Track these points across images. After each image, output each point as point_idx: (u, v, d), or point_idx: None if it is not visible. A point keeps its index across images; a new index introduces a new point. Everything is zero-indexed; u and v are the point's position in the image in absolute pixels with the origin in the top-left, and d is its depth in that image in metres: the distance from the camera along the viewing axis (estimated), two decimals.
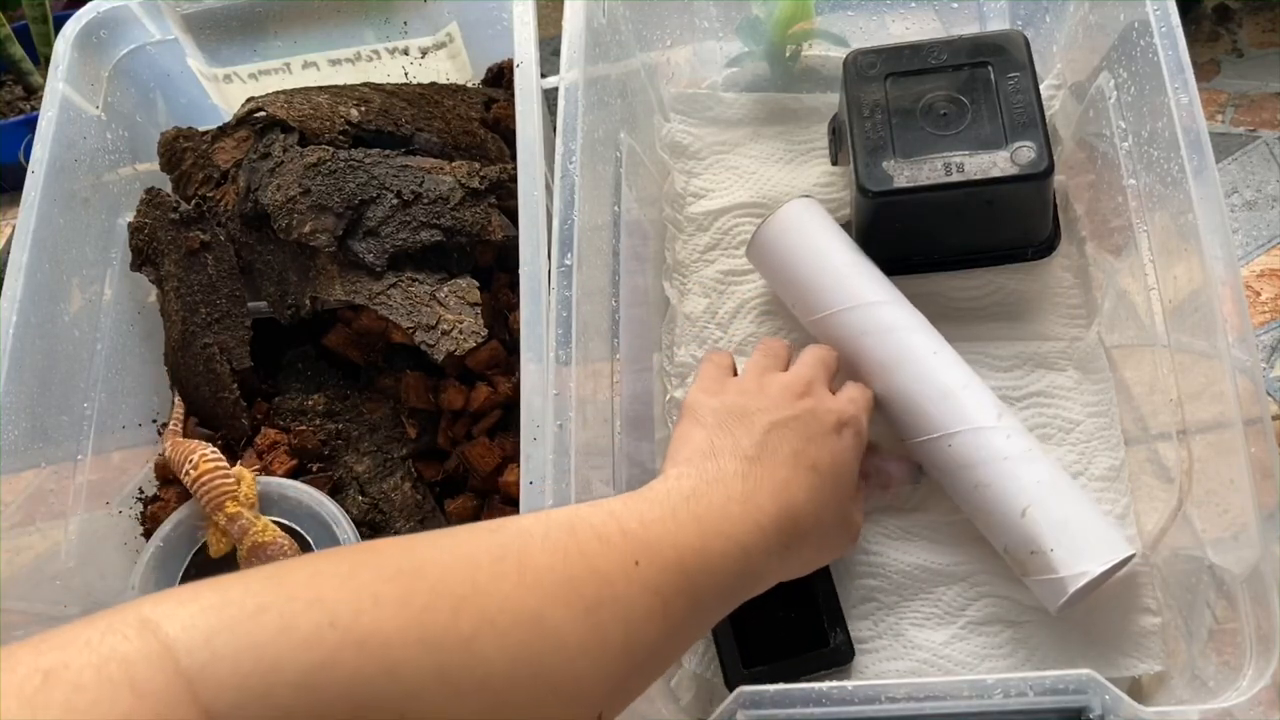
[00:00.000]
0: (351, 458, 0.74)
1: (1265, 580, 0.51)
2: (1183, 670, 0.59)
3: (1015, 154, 0.67)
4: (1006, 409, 0.63)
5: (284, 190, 0.72)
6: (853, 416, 0.59)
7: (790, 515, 0.52)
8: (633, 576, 0.42)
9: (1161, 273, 0.62)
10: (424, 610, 0.35)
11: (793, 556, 0.53)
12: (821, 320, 0.68)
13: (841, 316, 0.66)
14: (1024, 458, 0.61)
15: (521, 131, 0.68)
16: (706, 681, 0.64)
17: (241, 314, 0.76)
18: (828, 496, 0.55)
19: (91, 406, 0.73)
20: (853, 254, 0.69)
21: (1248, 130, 0.84)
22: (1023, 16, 0.77)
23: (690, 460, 0.53)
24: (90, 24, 0.79)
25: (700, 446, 0.54)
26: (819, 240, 0.69)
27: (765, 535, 0.50)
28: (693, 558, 0.46)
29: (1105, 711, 0.49)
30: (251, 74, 0.84)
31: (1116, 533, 0.60)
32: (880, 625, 0.65)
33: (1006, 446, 0.61)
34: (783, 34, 0.79)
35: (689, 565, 0.45)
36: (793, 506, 0.52)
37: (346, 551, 0.38)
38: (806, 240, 0.69)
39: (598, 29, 0.70)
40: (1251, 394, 0.53)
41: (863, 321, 0.66)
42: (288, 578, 0.35)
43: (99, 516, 0.73)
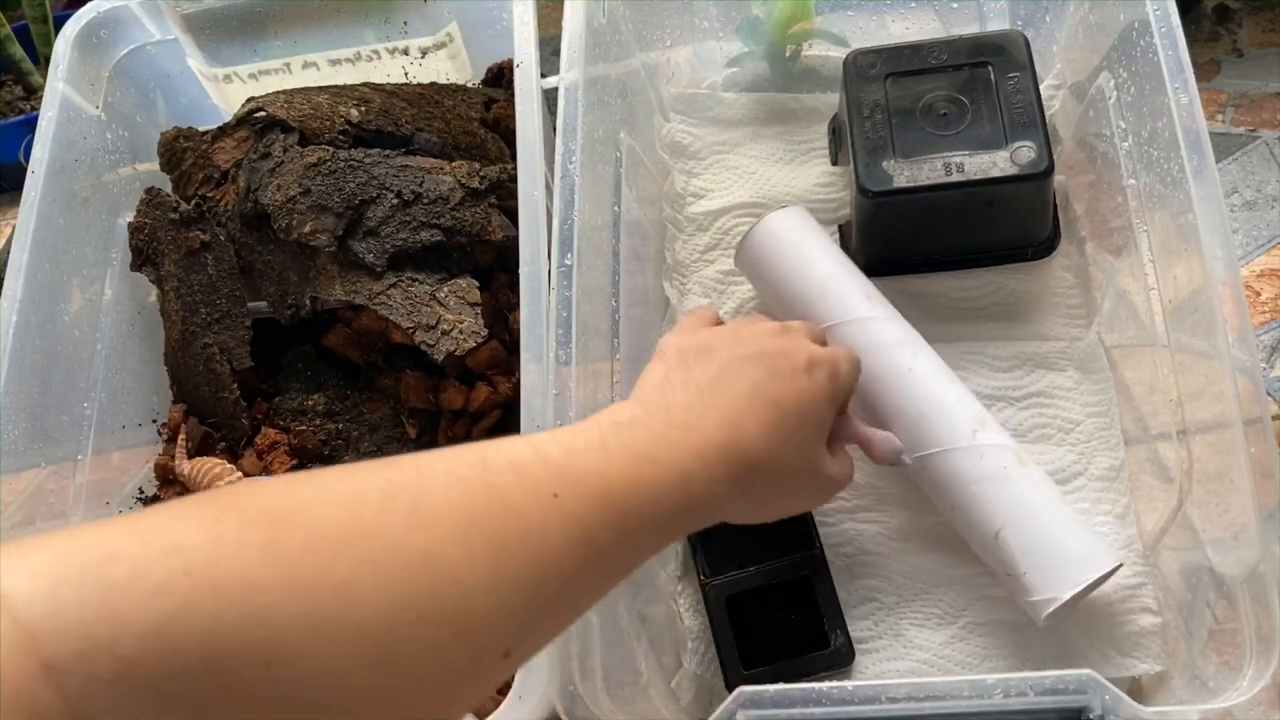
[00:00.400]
0: (351, 458, 0.74)
1: (1265, 580, 0.51)
2: (1183, 670, 0.59)
3: (1015, 154, 0.67)
4: (987, 421, 0.63)
5: (284, 190, 0.72)
6: (828, 359, 0.55)
7: (740, 447, 0.48)
8: (549, 509, 0.40)
9: (1161, 273, 0.62)
10: (296, 553, 0.33)
11: (747, 494, 0.49)
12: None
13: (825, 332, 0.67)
14: (997, 478, 0.61)
15: (521, 131, 0.68)
16: (706, 682, 0.64)
17: (241, 314, 0.76)
18: (788, 434, 0.51)
19: (91, 406, 0.73)
20: (835, 266, 0.68)
21: (1248, 130, 0.84)
22: (1023, 16, 0.77)
23: (638, 394, 0.51)
24: (90, 24, 0.79)
25: (654, 381, 0.51)
26: (802, 252, 0.69)
27: (709, 464, 0.47)
28: (620, 485, 0.43)
29: (1105, 711, 0.49)
30: (251, 74, 0.84)
31: (1095, 548, 0.60)
32: (880, 626, 0.65)
33: (979, 468, 0.61)
34: (783, 34, 0.79)
35: (616, 493, 0.43)
36: (744, 438, 0.49)
37: (216, 495, 0.36)
38: (790, 252, 0.69)
39: (598, 29, 0.70)
40: (1251, 394, 0.53)
41: (841, 338, 0.65)
42: (146, 524, 0.33)
43: (99, 516, 0.73)
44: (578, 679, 0.53)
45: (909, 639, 0.64)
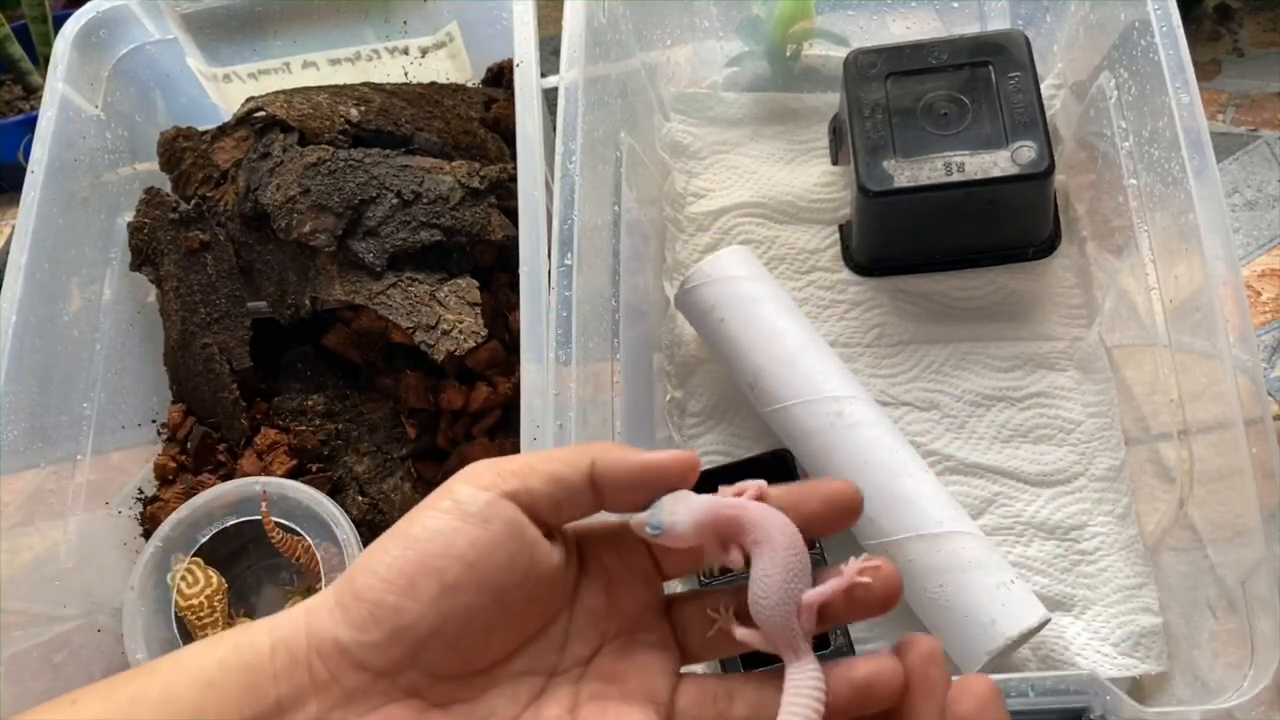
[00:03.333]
0: (351, 458, 0.74)
1: (1266, 581, 0.51)
2: (1184, 671, 0.59)
3: (1016, 154, 0.67)
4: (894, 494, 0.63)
5: (284, 190, 0.72)
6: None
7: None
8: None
9: (1162, 272, 0.62)
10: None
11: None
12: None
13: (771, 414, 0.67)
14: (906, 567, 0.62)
15: (521, 131, 0.68)
16: None
17: (241, 314, 0.76)
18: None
19: (91, 406, 0.73)
20: (802, 333, 0.68)
21: (1248, 130, 0.84)
22: (1023, 16, 0.77)
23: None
24: (90, 24, 0.79)
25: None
26: (760, 311, 0.68)
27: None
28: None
29: (1106, 712, 0.49)
30: (251, 74, 0.83)
31: (999, 620, 0.60)
32: (880, 626, 0.65)
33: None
34: (783, 33, 0.79)
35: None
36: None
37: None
38: (746, 310, 0.68)
39: (598, 29, 0.70)
40: (1252, 394, 0.53)
41: (808, 416, 0.66)
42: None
43: (98, 517, 0.72)
44: None
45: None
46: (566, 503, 0.36)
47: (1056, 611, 0.63)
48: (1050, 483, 0.67)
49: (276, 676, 0.34)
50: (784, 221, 0.78)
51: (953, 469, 0.68)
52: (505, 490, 0.35)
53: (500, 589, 0.35)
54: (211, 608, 0.70)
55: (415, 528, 0.34)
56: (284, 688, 0.34)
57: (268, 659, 0.34)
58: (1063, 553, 0.65)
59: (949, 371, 0.71)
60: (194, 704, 0.33)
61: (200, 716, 0.33)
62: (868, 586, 0.36)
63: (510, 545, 0.35)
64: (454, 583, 0.34)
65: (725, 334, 0.68)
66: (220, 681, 0.33)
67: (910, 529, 0.62)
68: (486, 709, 0.35)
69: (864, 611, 0.37)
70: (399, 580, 0.34)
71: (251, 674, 0.34)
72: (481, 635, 0.35)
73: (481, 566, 0.34)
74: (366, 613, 0.34)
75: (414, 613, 0.34)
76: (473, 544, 0.34)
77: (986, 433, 0.69)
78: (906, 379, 0.71)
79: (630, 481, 0.37)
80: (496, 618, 0.35)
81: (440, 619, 0.34)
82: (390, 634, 0.34)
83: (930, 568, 0.61)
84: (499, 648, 0.36)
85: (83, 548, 0.70)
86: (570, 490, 0.36)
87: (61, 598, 0.68)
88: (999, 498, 0.67)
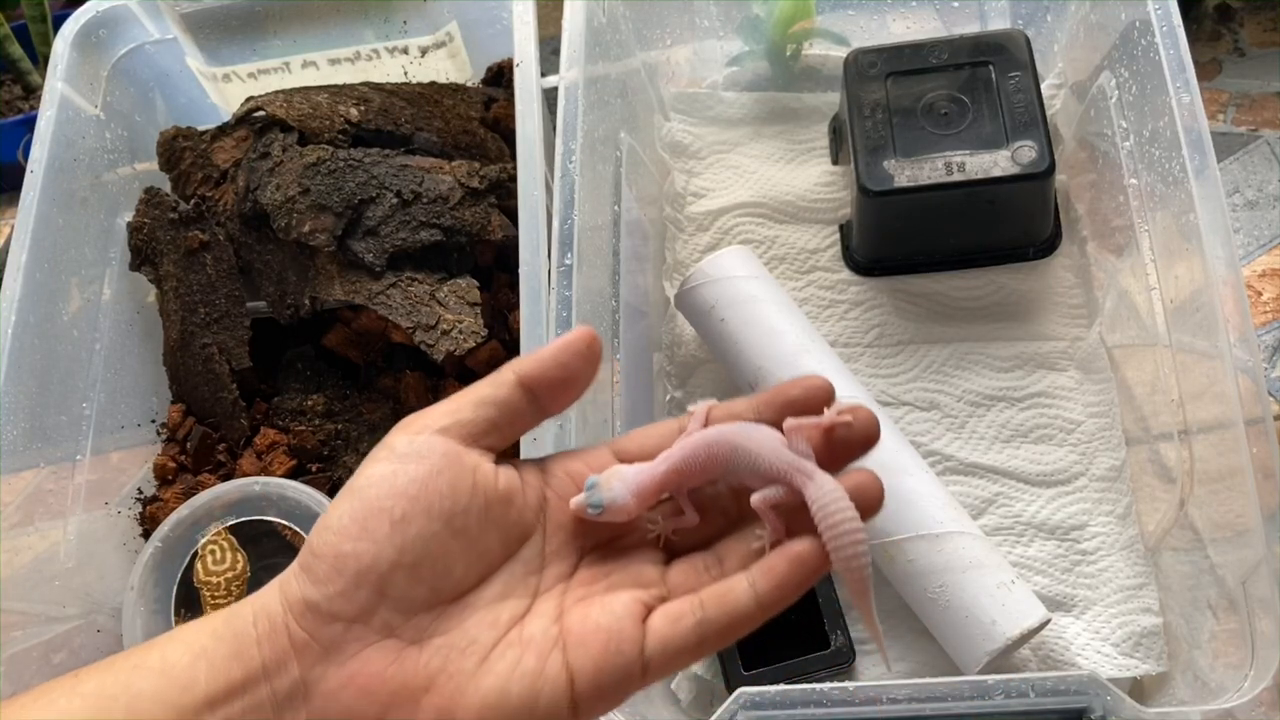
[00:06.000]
0: (351, 458, 0.74)
1: (1266, 581, 0.51)
2: (1184, 671, 0.59)
3: (1016, 153, 0.67)
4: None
5: (283, 190, 0.72)
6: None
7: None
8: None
9: (1163, 272, 0.62)
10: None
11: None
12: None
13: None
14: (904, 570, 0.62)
15: (521, 131, 0.68)
16: (707, 683, 0.64)
17: (240, 314, 0.76)
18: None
19: (90, 406, 0.73)
20: (800, 333, 0.68)
21: (1249, 130, 0.84)
22: (1024, 16, 0.77)
23: None
24: (89, 23, 0.79)
25: None
26: (761, 312, 0.68)
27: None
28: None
29: (1106, 712, 0.49)
30: (251, 73, 0.83)
31: (999, 620, 0.60)
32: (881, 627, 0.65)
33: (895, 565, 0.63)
34: (783, 33, 0.79)
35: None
36: None
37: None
38: (746, 311, 0.68)
39: (598, 28, 0.70)
40: (1253, 394, 0.53)
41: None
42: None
43: (98, 517, 0.72)
44: None
45: (910, 640, 0.64)
46: (504, 420, 0.38)
47: (1057, 612, 0.63)
48: (1051, 483, 0.67)
49: (259, 641, 0.35)
50: (784, 221, 0.78)
51: (953, 469, 0.68)
52: (436, 428, 0.37)
53: (448, 514, 0.36)
54: (229, 592, 0.69)
55: (359, 480, 0.36)
56: (267, 651, 0.35)
57: (251, 626, 0.35)
58: (1063, 553, 0.65)
59: (949, 371, 0.71)
60: (188, 671, 0.34)
61: (194, 682, 0.34)
62: (848, 425, 0.38)
63: (449, 473, 0.36)
64: (402, 516, 0.35)
65: (725, 334, 0.68)
66: (212, 650, 0.35)
67: (911, 529, 0.62)
68: (465, 638, 0.36)
69: (847, 452, 0.38)
70: (351, 528, 0.35)
71: (238, 641, 0.35)
72: (442, 563, 0.36)
73: (425, 497, 0.36)
74: (328, 567, 0.35)
75: (370, 553, 0.35)
76: (412, 479, 0.36)
77: (987, 433, 0.69)
78: (907, 379, 0.71)
79: (550, 370, 0.38)
80: (452, 543, 0.36)
81: (397, 552, 0.35)
82: (353, 579, 0.35)
83: (931, 568, 0.61)
84: (465, 574, 0.37)
85: (82, 548, 0.70)
86: (503, 406, 0.38)
87: (61, 598, 0.68)
88: (999, 498, 0.67)
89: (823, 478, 0.36)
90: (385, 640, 0.35)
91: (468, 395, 0.38)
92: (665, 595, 0.37)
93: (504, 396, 0.38)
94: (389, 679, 0.35)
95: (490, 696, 0.35)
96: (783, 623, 0.64)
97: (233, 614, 0.36)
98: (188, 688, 0.34)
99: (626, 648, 0.35)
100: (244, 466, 0.74)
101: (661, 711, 0.62)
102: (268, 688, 0.35)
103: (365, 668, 0.35)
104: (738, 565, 0.38)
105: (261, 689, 0.35)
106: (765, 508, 0.37)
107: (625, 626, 0.35)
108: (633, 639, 0.35)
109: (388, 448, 0.37)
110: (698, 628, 0.36)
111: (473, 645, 0.36)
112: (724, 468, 0.37)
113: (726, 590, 0.36)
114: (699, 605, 0.36)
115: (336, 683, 0.35)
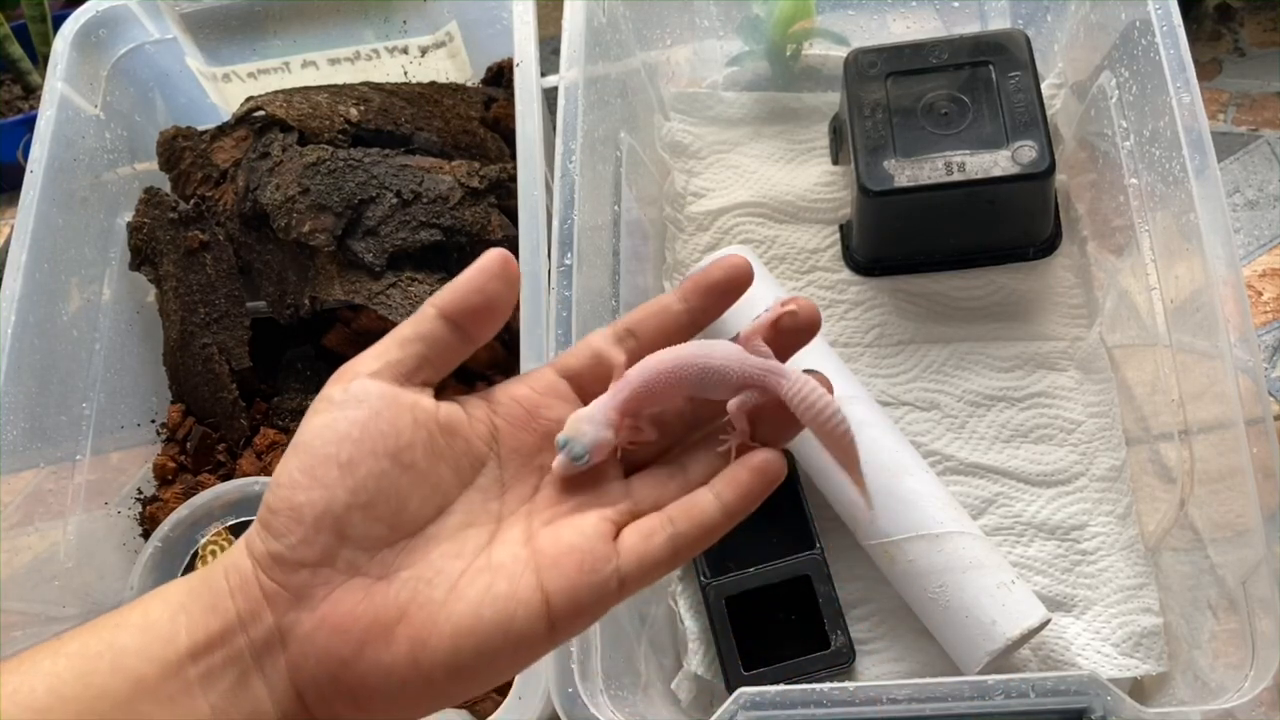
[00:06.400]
0: None
1: (1267, 581, 0.51)
2: (1184, 671, 0.59)
3: (1016, 153, 0.67)
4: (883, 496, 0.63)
5: (283, 190, 0.71)
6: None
7: None
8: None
9: (1163, 272, 0.61)
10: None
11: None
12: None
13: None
14: (903, 571, 0.62)
15: (521, 131, 0.68)
16: (707, 683, 0.64)
17: (240, 314, 0.76)
18: None
19: (90, 406, 0.73)
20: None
21: (1249, 130, 0.84)
22: (1024, 15, 0.77)
23: None
24: (89, 23, 0.79)
25: None
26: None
27: None
28: None
29: (1106, 712, 0.49)
30: (250, 73, 0.83)
31: (999, 620, 0.60)
32: (881, 626, 0.65)
33: (892, 566, 0.63)
34: (783, 33, 0.79)
35: None
36: None
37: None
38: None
39: (598, 28, 0.70)
40: (1253, 394, 0.53)
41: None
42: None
43: (97, 517, 0.72)
44: (577, 679, 0.53)
45: (910, 640, 0.64)
46: (433, 354, 0.39)
47: (1057, 612, 0.63)
48: (1051, 483, 0.67)
49: (232, 594, 0.36)
50: (784, 221, 0.78)
51: (953, 469, 0.68)
52: (368, 373, 0.38)
53: (393, 451, 0.37)
54: None
55: (302, 436, 0.37)
56: (240, 603, 0.36)
57: (224, 580, 0.36)
58: (1063, 553, 0.65)
59: (949, 371, 0.71)
60: (169, 625, 0.35)
61: (176, 635, 0.35)
62: (793, 313, 0.40)
63: (388, 413, 0.37)
64: (349, 459, 0.36)
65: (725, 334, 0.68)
66: (189, 605, 0.36)
67: (911, 529, 0.62)
68: (431, 569, 0.37)
69: (794, 338, 0.40)
70: (301, 479, 0.36)
71: (213, 596, 0.36)
72: (395, 499, 0.37)
73: (368, 439, 0.37)
74: (285, 519, 0.36)
75: (324, 497, 0.36)
76: (353, 423, 0.37)
77: (987, 433, 0.69)
78: (907, 379, 0.71)
79: (468, 297, 0.39)
80: (402, 478, 0.37)
81: (349, 494, 0.36)
82: (312, 525, 0.36)
83: (931, 568, 0.61)
84: (421, 507, 0.38)
85: (82, 548, 0.70)
86: (428, 340, 0.39)
87: (61, 598, 0.68)
88: (999, 498, 0.67)
89: (792, 373, 0.39)
90: (353, 580, 0.36)
91: (393, 336, 0.39)
92: (633, 510, 0.38)
93: (427, 330, 0.39)
94: (360, 615, 0.36)
95: (464, 621, 0.35)
96: (782, 622, 0.64)
97: (207, 572, 0.37)
98: (169, 640, 0.35)
99: (601, 565, 0.36)
100: (244, 466, 0.74)
101: (661, 711, 0.62)
102: (245, 637, 0.36)
103: (336, 608, 0.36)
104: (702, 474, 0.39)
105: (239, 638, 0.36)
106: (740, 413, 0.39)
107: (597, 546, 0.37)
108: (606, 556, 0.36)
109: (325, 399, 0.38)
110: (670, 542, 0.37)
111: (440, 575, 0.36)
112: (694, 386, 0.39)
113: (692, 504, 0.38)
114: (669, 521, 0.37)
115: (310, 625, 0.35)
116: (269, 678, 0.36)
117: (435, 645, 0.35)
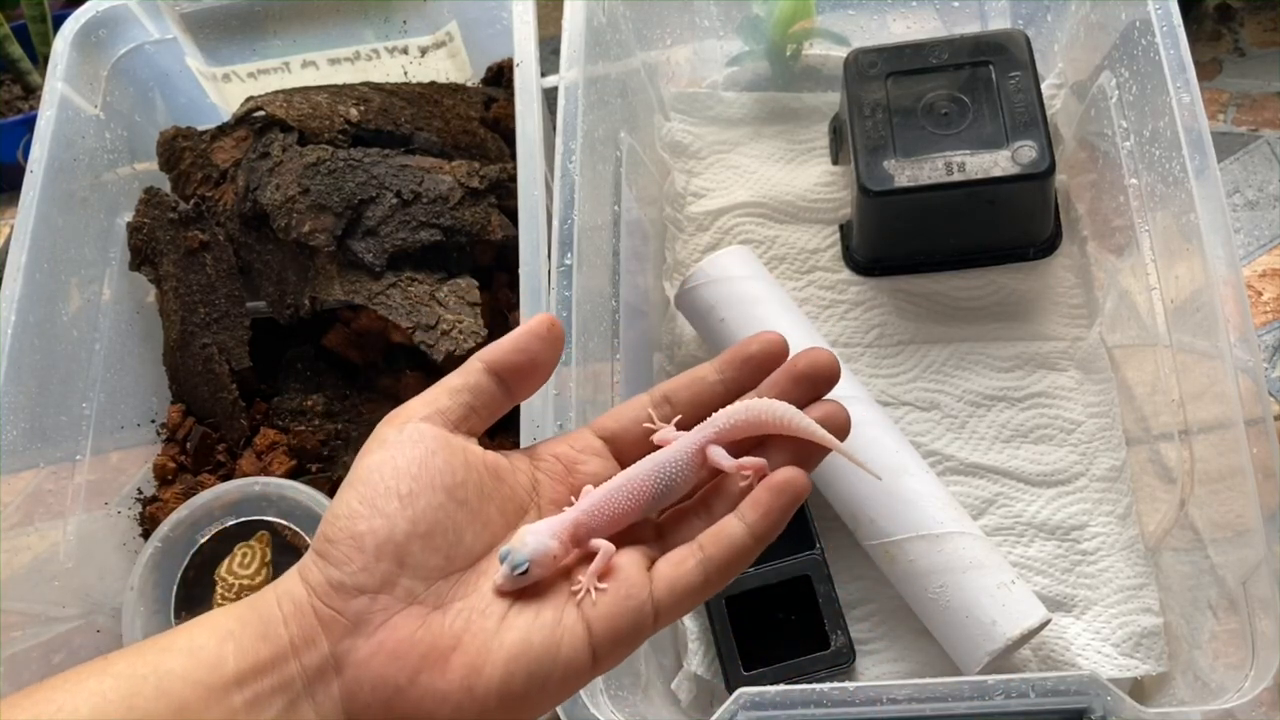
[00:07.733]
0: (351, 458, 0.73)
1: (1267, 581, 0.51)
2: (1184, 671, 0.59)
3: (1016, 153, 0.67)
4: (875, 497, 0.63)
5: (283, 190, 0.71)
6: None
7: None
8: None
9: (1163, 272, 0.61)
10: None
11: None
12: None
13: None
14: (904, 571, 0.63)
15: (521, 131, 0.68)
16: (707, 683, 0.64)
17: (240, 314, 0.76)
18: None
19: (90, 406, 0.73)
20: (799, 330, 0.67)
21: (1249, 130, 0.84)
22: (1024, 16, 0.77)
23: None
24: (89, 23, 0.79)
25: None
26: (759, 310, 0.68)
27: None
28: None
29: (1107, 712, 0.49)
30: (250, 73, 0.83)
31: (999, 621, 0.60)
32: (881, 627, 0.65)
33: (894, 566, 0.63)
34: (783, 33, 0.79)
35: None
36: None
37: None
38: (744, 309, 0.68)
39: (598, 28, 0.69)
40: (1253, 394, 0.53)
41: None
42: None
43: (97, 517, 0.72)
44: None
45: (910, 640, 0.64)
46: (479, 404, 0.41)
47: (1057, 612, 0.63)
48: (1051, 483, 0.67)
49: (286, 621, 0.37)
50: (784, 221, 0.78)
51: (953, 469, 0.68)
52: (420, 417, 0.40)
53: (450, 487, 0.39)
54: (238, 597, 0.69)
55: (359, 472, 0.39)
56: (295, 630, 0.37)
57: (276, 609, 0.37)
58: (1063, 553, 0.65)
59: (950, 371, 0.71)
60: (216, 651, 0.36)
61: (223, 661, 0.36)
62: (812, 364, 0.42)
63: (443, 453, 0.39)
64: (409, 492, 0.38)
65: (725, 334, 0.68)
66: (238, 633, 0.37)
67: (911, 529, 0.62)
68: (484, 600, 0.38)
69: (813, 391, 0.42)
70: (362, 510, 0.37)
71: (264, 624, 0.37)
72: (452, 531, 0.38)
73: (426, 474, 0.38)
74: (346, 547, 0.37)
75: (385, 526, 0.37)
76: (410, 460, 0.38)
77: (987, 433, 0.69)
78: (907, 379, 0.71)
79: (514, 355, 0.42)
80: (458, 513, 0.39)
81: (410, 524, 0.37)
82: (373, 553, 0.37)
83: (931, 568, 0.61)
84: (474, 542, 0.39)
85: (82, 548, 0.70)
86: (475, 391, 0.41)
87: (60, 598, 0.68)
88: (1000, 498, 0.67)
89: (720, 415, 0.40)
90: (410, 608, 0.37)
91: (442, 386, 0.41)
92: (664, 547, 0.40)
93: (474, 383, 0.41)
94: (418, 642, 0.36)
95: (514, 648, 0.37)
96: (782, 622, 0.64)
97: (256, 600, 0.38)
98: (216, 667, 0.36)
99: (637, 593, 0.38)
100: (244, 467, 0.74)
101: (661, 711, 0.62)
102: (297, 664, 0.36)
103: (394, 634, 0.36)
104: (725, 508, 0.40)
105: (290, 665, 0.36)
106: (734, 462, 0.40)
107: (633, 574, 0.38)
108: (641, 584, 0.38)
109: (378, 439, 0.39)
110: (700, 567, 0.38)
111: (491, 605, 0.38)
112: (653, 504, 0.40)
113: (720, 529, 0.39)
114: (698, 548, 0.39)
115: (367, 651, 0.36)
116: (320, 705, 0.36)
117: (489, 672, 0.36)
